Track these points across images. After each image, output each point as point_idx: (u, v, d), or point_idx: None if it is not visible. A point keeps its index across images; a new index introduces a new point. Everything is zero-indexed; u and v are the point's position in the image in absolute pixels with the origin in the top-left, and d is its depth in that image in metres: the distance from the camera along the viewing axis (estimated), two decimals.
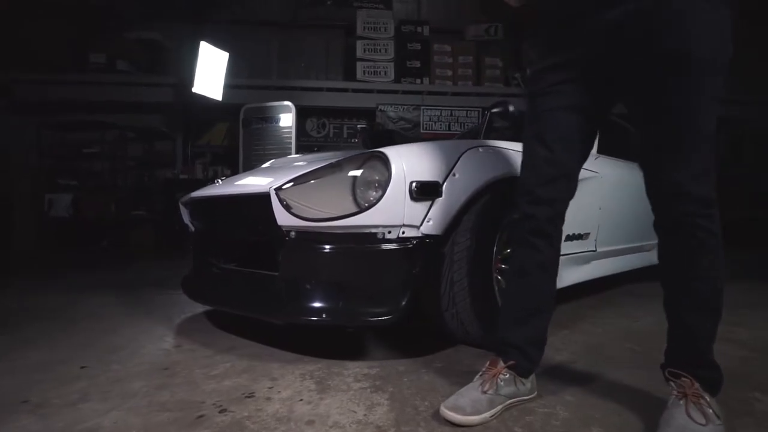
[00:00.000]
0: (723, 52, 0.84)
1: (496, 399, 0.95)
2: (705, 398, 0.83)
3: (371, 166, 1.21)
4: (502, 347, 1.01)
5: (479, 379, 0.98)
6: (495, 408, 0.94)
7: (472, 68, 6.10)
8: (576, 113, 0.97)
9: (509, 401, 0.97)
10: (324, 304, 1.17)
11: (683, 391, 0.84)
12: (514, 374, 0.98)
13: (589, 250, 1.91)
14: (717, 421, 0.80)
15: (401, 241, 1.19)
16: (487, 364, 1.01)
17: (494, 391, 0.95)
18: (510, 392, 0.97)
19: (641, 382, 1.11)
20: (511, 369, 0.98)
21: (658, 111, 0.86)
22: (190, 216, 1.82)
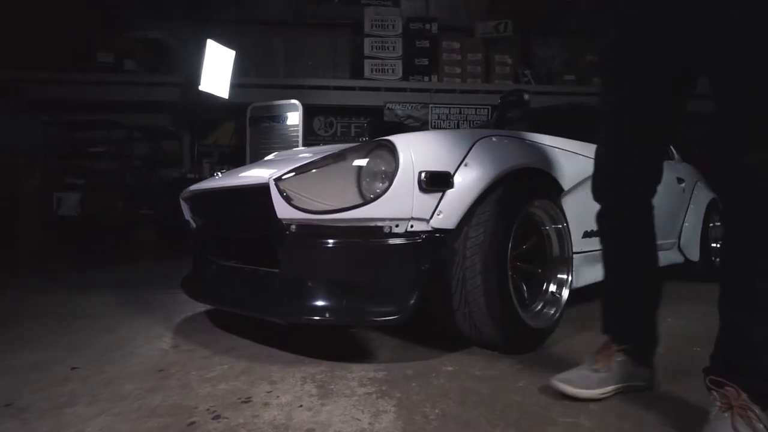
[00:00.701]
0: None
1: (608, 379, 0.96)
2: (754, 411, 0.73)
3: (377, 155, 1.13)
4: (616, 333, 1.01)
5: (590, 359, 1.00)
6: (606, 387, 0.95)
7: (481, 65, 6.00)
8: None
9: (622, 384, 0.96)
10: (327, 303, 1.10)
11: (728, 402, 0.75)
12: (628, 358, 0.98)
13: None
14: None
15: (409, 235, 1.11)
16: (599, 347, 1.01)
17: (606, 372, 0.96)
18: (623, 376, 0.97)
19: (673, 388, 1.02)
20: (624, 353, 0.98)
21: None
22: (190, 212, 1.76)
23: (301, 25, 6.30)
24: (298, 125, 5.16)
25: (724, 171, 0.81)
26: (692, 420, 0.83)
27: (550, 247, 1.42)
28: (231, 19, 5.95)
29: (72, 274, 3.00)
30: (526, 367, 1.17)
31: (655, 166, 1.00)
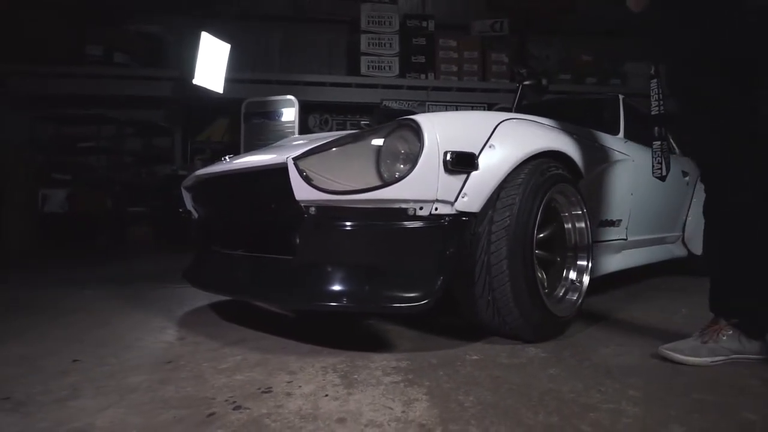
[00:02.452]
0: None
1: (718, 350, 1.02)
2: None
3: (401, 134, 1.08)
4: (725, 309, 1.07)
5: (698, 334, 1.06)
6: (716, 357, 1.01)
7: (477, 64, 6.00)
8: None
9: (733, 355, 1.02)
10: (348, 288, 1.04)
11: None
12: (738, 332, 1.03)
13: (620, 239, 1.79)
14: None
15: (434, 218, 1.06)
16: (708, 323, 1.08)
17: (715, 343, 1.02)
18: (734, 347, 1.03)
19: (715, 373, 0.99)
20: (734, 326, 1.03)
21: None
22: (192, 201, 1.68)
23: (299, 20, 6.24)
24: (294, 122, 5.08)
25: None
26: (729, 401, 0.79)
27: (570, 233, 1.38)
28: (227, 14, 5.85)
29: (65, 270, 2.88)
30: (552, 356, 1.12)
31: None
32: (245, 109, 5.16)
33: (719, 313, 1.09)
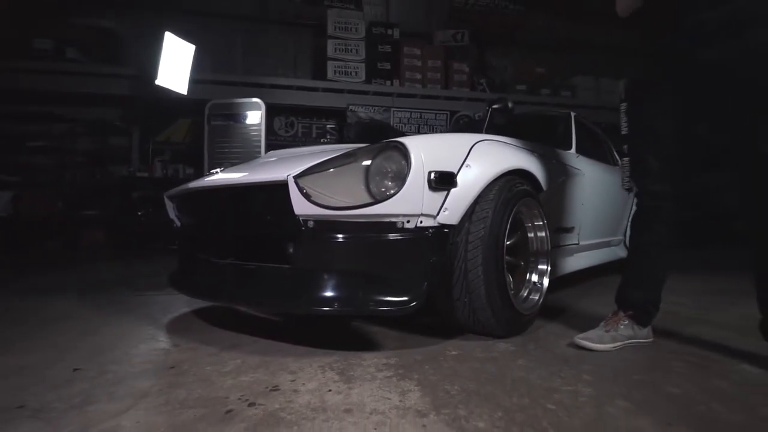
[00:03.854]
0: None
1: (618, 337, 1.27)
2: None
3: (389, 156, 1.21)
4: (624, 302, 1.33)
5: (603, 324, 1.31)
6: (616, 343, 1.26)
7: (440, 72, 6.24)
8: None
9: (628, 341, 1.28)
10: (343, 294, 1.15)
11: None
12: (632, 322, 1.30)
13: (574, 243, 2.02)
14: None
15: (419, 230, 1.20)
16: (610, 314, 1.34)
17: (615, 331, 1.28)
18: (629, 334, 1.29)
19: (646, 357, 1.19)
20: (630, 318, 1.30)
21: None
22: (177, 210, 1.72)
23: (263, 21, 6.19)
24: (260, 125, 5.06)
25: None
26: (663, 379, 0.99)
27: (533, 241, 1.57)
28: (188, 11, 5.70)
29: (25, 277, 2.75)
30: (520, 348, 1.30)
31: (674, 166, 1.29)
32: (209, 110, 5.07)
33: (620, 305, 1.35)
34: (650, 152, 1.28)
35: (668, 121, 1.24)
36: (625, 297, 1.35)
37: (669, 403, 0.93)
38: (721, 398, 0.95)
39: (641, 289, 1.33)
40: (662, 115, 1.24)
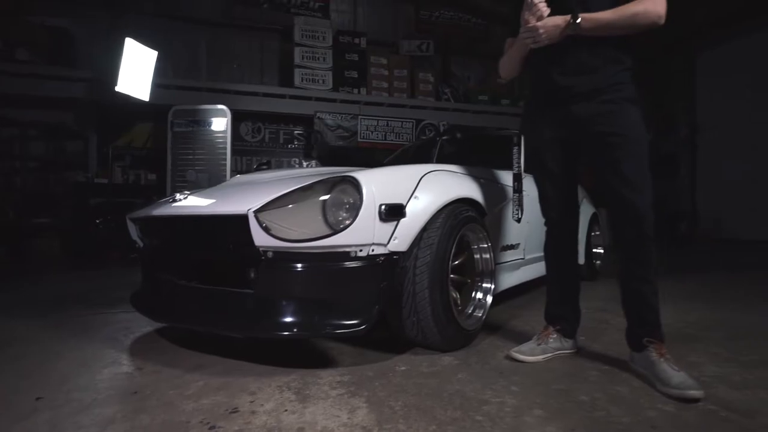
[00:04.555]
0: (642, 130, 1.33)
1: (547, 349, 1.45)
2: (668, 355, 1.25)
3: (343, 189, 1.32)
4: (551, 318, 1.52)
5: (535, 338, 1.49)
6: (546, 354, 1.44)
7: (406, 82, 6.42)
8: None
9: (557, 352, 1.46)
10: (300, 319, 1.26)
11: (660, 351, 1.25)
12: (560, 335, 1.48)
13: (520, 258, 2.20)
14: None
15: (371, 258, 1.32)
16: (541, 329, 1.52)
17: (545, 344, 1.45)
18: (557, 346, 1.47)
19: (570, 367, 1.36)
20: (558, 332, 1.48)
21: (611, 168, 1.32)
22: (140, 232, 1.75)
23: (228, 25, 6.13)
24: (226, 132, 5.04)
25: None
26: (581, 387, 1.15)
27: (478, 262, 1.73)
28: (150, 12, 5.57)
29: None
30: (462, 362, 1.44)
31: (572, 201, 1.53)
32: (172, 116, 5.00)
33: (548, 321, 1.53)
34: (547, 184, 1.49)
35: (556, 160, 1.45)
36: (552, 313, 1.53)
37: (577, 410, 1.09)
38: (619, 403, 1.12)
39: (563, 305, 1.52)
40: (551, 154, 1.45)
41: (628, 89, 1.33)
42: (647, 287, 1.30)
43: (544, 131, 1.45)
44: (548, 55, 1.38)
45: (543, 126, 1.46)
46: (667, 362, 1.22)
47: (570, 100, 1.36)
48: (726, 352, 1.53)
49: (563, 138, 1.42)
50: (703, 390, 1.13)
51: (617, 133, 1.30)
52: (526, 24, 1.34)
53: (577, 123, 1.36)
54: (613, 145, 1.30)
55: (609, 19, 1.27)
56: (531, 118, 1.52)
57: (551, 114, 1.42)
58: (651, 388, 1.21)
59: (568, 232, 1.53)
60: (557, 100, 1.40)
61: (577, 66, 1.35)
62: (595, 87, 1.33)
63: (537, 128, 1.48)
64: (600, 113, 1.32)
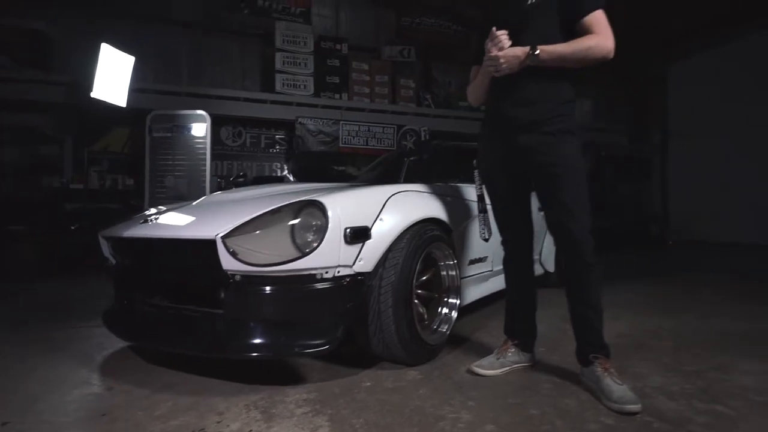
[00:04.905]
0: (579, 162, 1.42)
1: (506, 362, 1.55)
2: (612, 369, 1.34)
3: (310, 213, 1.37)
4: (510, 333, 1.61)
5: (496, 352, 1.58)
6: (504, 368, 1.53)
7: (388, 87, 6.47)
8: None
9: (515, 365, 1.55)
10: (268, 340, 1.31)
11: (604, 366, 1.33)
12: (518, 349, 1.58)
13: (488, 270, 2.28)
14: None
15: (336, 279, 1.38)
16: (501, 343, 1.61)
17: (504, 359, 1.55)
18: (515, 360, 1.56)
19: (526, 380, 1.45)
20: (516, 347, 1.58)
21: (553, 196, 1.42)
22: (112, 250, 1.77)
23: (210, 28, 6.08)
24: (205, 137, 5.01)
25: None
26: (532, 401, 1.24)
27: (445, 278, 1.80)
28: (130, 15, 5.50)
29: None
30: (425, 377, 1.51)
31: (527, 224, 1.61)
32: (151, 122, 4.95)
33: (507, 335, 1.61)
34: (500, 208, 1.59)
35: (508, 186, 1.54)
36: (511, 329, 1.61)
37: (527, 424, 1.17)
38: (565, 416, 1.20)
39: (521, 321, 1.60)
40: (503, 180, 1.54)
41: (569, 121, 1.43)
42: (590, 310, 1.39)
43: (495, 159, 1.54)
44: (500, 86, 1.47)
45: (494, 153, 1.54)
46: (611, 377, 1.31)
47: (515, 131, 1.44)
48: (672, 362, 1.64)
49: (512, 165, 1.50)
50: (640, 404, 1.22)
51: (556, 164, 1.39)
52: (489, 53, 1.41)
53: (521, 153, 1.44)
54: (552, 175, 1.40)
55: (565, 51, 1.36)
56: (484, 145, 1.60)
57: (500, 142, 1.50)
58: (597, 401, 1.29)
59: (522, 253, 1.61)
60: (504, 129, 1.48)
61: (522, 98, 1.43)
62: (536, 119, 1.41)
63: (489, 156, 1.57)
64: (540, 144, 1.40)
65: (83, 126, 5.36)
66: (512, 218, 1.59)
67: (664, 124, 8.74)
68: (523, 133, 1.43)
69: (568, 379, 1.47)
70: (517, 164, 1.48)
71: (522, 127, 1.43)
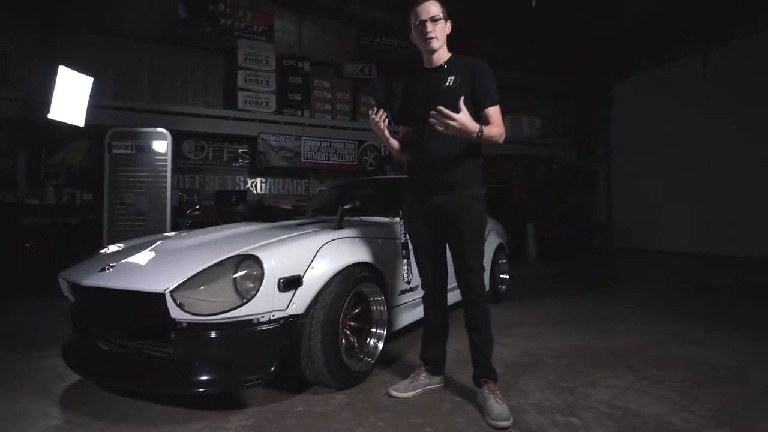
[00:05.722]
0: (480, 225, 1.72)
1: (418, 385, 1.84)
2: (497, 390, 1.66)
3: (248, 265, 1.62)
4: (423, 360, 1.91)
5: (411, 376, 1.87)
6: (416, 390, 1.82)
7: (349, 104, 6.73)
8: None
9: (426, 387, 1.85)
10: (212, 376, 1.54)
11: (490, 388, 1.64)
12: (429, 373, 1.88)
13: (418, 298, 2.58)
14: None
15: (272, 322, 1.63)
16: (416, 368, 1.91)
17: (417, 382, 1.84)
18: (426, 383, 1.86)
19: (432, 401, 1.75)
20: (427, 371, 1.88)
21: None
22: (71, 289, 1.95)
23: (172, 43, 6.13)
24: (167, 155, 5.09)
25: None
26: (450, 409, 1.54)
27: (374, 312, 2.09)
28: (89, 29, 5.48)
29: None
30: (350, 399, 1.79)
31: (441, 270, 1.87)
32: (110, 138, 4.97)
33: (422, 360, 1.91)
34: (421, 257, 1.88)
35: (429, 239, 1.83)
36: (424, 356, 1.92)
37: None
38: None
39: (432, 350, 1.91)
40: (424, 233, 1.84)
41: (476, 187, 1.74)
42: (481, 338, 1.73)
43: (417, 213, 1.83)
44: (426, 148, 1.75)
45: (416, 209, 1.84)
46: (495, 397, 1.64)
47: (432, 191, 1.74)
48: (555, 379, 1.99)
49: (430, 220, 1.79)
50: (512, 419, 1.55)
51: (461, 227, 1.70)
52: (440, 110, 1.54)
53: (437, 210, 1.74)
54: (458, 235, 1.72)
55: (490, 134, 1.64)
56: (408, 201, 1.89)
57: (420, 201, 1.80)
58: (481, 418, 1.61)
59: (438, 293, 1.91)
60: (424, 190, 1.78)
61: (445, 161, 1.72)
62: (450, 183, 1.72)
63: (412, 211, 1.86)
64: (452, 205, 1.71)
65: (39, 140, 5.32)
66: (432, 267, 1.87)
67: (607, 139, 9.44)
68: (438, 194, 1.73)
69: (468, 397, 1.79)
70: (433, 220, 1.78)
71: (439, 188, 1.73)
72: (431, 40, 1.74)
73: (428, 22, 1.73)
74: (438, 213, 1.74)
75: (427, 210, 1.77)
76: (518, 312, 3.35)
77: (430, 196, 1.75)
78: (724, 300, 3.92)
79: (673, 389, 1.85)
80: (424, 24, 1.73)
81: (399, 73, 7.47)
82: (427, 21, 1.73)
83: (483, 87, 1.71)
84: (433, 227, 1.80)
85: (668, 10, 6.73)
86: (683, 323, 2.96)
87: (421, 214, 1.81)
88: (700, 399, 1.74)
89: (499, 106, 1.72)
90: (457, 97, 1.68)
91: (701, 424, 1.54)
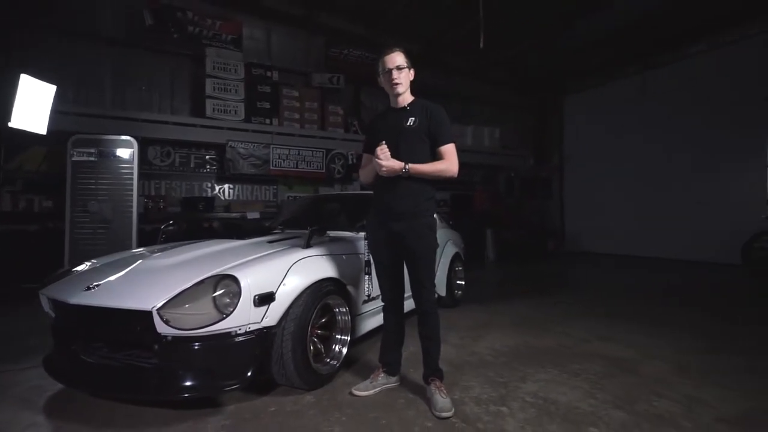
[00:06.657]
0: (431, 248, 1.97)
1: (377, 384, 2.09)
2: (443, 387, 1.95)
3: (227, 284, 1.84)
4: (381, 362, 2.17)
5: (371, 377, 2.14)
6: (375, 389, 2.08)
7: (317, 113, 6.91)
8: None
9: (383, 386, 2.11)
10: (195, 383, 1.75)
11: (436, 385, 1.92)
12: (386, 374, 2.14)
13: (380, 305, 2.86)
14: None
15: (248, 333, 1.86)
16: (375, 370, 2.17)
17: (375, 382, 2.10)
18: (384, 382, 2.12)
19: (388, 398, 2.03)
20: (384, 372, 2.14)
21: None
22: (52, 306, 2.08)
23: (137, 46, 6.06)
24: (132, 161, 5.10)
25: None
26: (401, 405, 1.82)
27: (339, 321, 2.35)
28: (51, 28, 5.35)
29: None
30: (317, 399, 2.03)
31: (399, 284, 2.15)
32: (72, 145, 4.94)
33: (380, 361, 2.18)
34: (382, 272, 2.16)
35: (388, 258, 2.11)
36: (382, 358, 2.20)
37: (374, 430, 1.74)
38: (402, 423, 1.79)
39: (389, 353, 2.19)
40: (384, 253, 2.11)
41: (429, 216, 2.04)
42: (431, 343, 2.03)
43: (378, 236, 2.11)
44: (383, 181, 2.04)
45: (377, 233, 2.11)
46: (440, 392, 1.94)
47: (391, 218, 2.02)
48: (494, 375, 2.33)
49: (389, 243, 2.07)
50: (453, 410, 1.86)
51: (416, 250, 1.99)
52: (377, 157, 1.95)
53: (395, 235, 2.03)
54: (413, 256, 2.01)
55: (426, 170, 1.96)
56: (371, 225, 2.16)
57: (382, 225, 2.07)
58: (428, 411, 1.91)
59: (396, 304, 2.19)
60: (384, 216, 2.05)
61: (397, 194, 2.01)
62: (405, 211, 2.00)
63: (374, 234, 2.13)
64: (408, 231, 1.99)
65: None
66: (391, 283, 2.15)
67: (560, 149, 10.13)
68: (396, 221, 2.01)
69: (419, 394, 2.08)
70: (391, 243, 2.05)
71: (397, 216, 2.00)
72: (397, 86, 2.03)
73: (394, 70, 2.02)
74: (395, 237, 2.02)
75: (386, 234, 2.05)
76: (471, 315, 3.70)
77: (389, 223, 2.02)
78: (654, 301, 4.44)
79: (587, 380, 2.23)
80: (390, 72, 2.02)
81: (368, 80, 7.74)
82: (393, 69, 2.02)
83: (438, 128, 2.02)
84: (391, 248, 2.08)
85: (611, 34, 7.40)
86: (608, 323, 3.41)
87: (381, 238, 2.09)
88: (606, 387, 2.13)
89: (454, 144, 2.03)
90: (416, 135, 1.98)
91: (600, 407, 1.92)
